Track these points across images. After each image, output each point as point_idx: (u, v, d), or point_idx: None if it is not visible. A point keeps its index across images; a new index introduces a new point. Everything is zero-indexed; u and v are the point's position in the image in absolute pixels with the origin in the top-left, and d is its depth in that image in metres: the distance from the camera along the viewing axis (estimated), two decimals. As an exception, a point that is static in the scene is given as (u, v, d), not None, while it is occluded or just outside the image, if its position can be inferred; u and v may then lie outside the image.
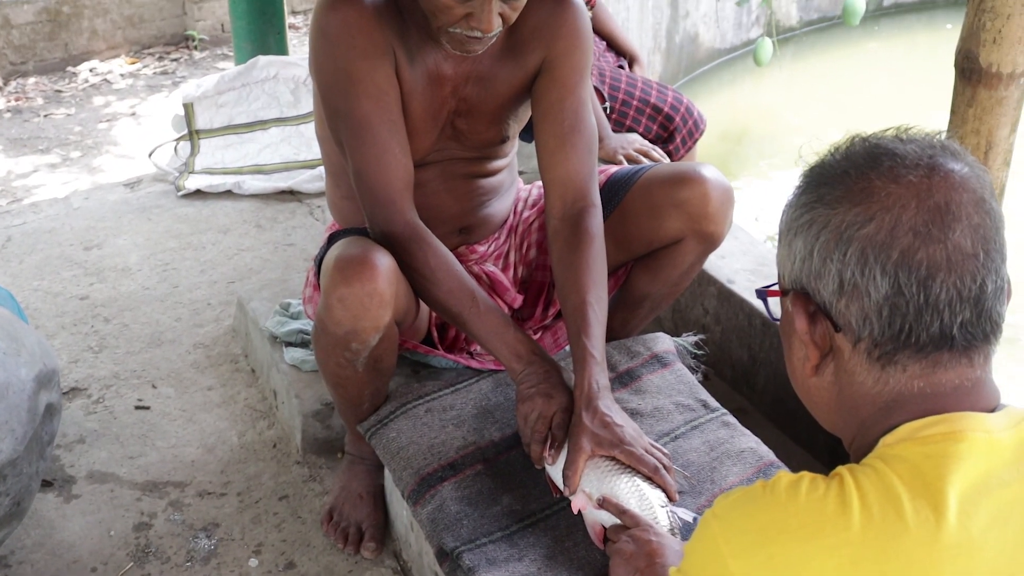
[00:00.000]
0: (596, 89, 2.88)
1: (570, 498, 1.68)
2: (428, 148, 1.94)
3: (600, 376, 1.75)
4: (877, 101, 4.92)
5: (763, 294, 1.15)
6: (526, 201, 2.23)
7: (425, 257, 1.81)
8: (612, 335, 2.05)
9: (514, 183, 2.18)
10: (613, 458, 1.67)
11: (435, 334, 2.11)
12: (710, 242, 2.02)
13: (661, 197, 1.99)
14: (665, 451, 1.74)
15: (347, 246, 1.78)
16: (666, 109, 2.96)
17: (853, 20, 3.60)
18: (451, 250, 1.89)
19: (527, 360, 1.79)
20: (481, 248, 2.13)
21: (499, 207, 2.13)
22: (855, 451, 1.06)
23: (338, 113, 1.84)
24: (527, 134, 2.20)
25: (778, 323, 1.14)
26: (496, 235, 2.16)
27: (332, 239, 2.03)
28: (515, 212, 2.20)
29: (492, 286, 2.10)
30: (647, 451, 1.69)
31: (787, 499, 0.95)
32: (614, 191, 2.06)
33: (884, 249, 0.97)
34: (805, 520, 0.94)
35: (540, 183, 2.15)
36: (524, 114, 2.01)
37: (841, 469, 0.97)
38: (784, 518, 0.95)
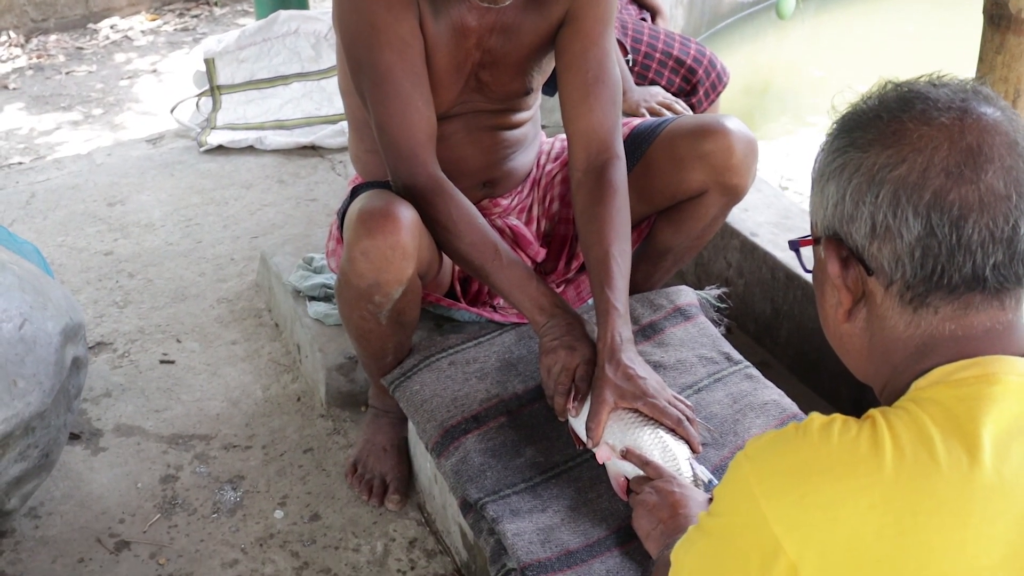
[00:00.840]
0: (619, 41, 2.85)
1: (593, 450, 1.68)
2: (452, 101, 1.93)
3: (623, 328, 1.74)
4: (903, 53, 4.85)
5: (796, 245, 1.15)
6: (549, 154, 2.22)
7: (448, 210, 1.80)
8: (635, 288, 2.05)
9: (537, 136, 2.17)
10: (636, 410, 1.68)
11: (458, 287, 2.11)
12: (734, 194, 2.01)
13: (685, 149, 1.98)
14: (688, 403, 1.74)
15: (370, 199, 1.78)
16: (689, 62, 2.92)
17: None
18: (474, 203, 1.89)
19: (550, 313, 1.79)
20: (504, 201, 2.12)
21: (522, 160, 2.12)
22: (887, 397, 1.06)
23: (361, 65, 1.83)
24: (550, 87, 2.19)
25: (811, 274, 1.14)
26: (519, 188, 2.15)
27: (355, 192, 2.03)
28: (538, 165, 2.19)
29: (515, 239, 2.10)
30: (670, 403, 1.69)
31: (820, 440, 0.96)
32: (637, 143, 2.04)
33: (916, 190, 0.96)
34: (837, 460, 0.94)
35: (563, 136, 2.13)
36: (548, 66, 1.99)
37: (873, 411, 0.97)
38: (816, 459, 0.95)
